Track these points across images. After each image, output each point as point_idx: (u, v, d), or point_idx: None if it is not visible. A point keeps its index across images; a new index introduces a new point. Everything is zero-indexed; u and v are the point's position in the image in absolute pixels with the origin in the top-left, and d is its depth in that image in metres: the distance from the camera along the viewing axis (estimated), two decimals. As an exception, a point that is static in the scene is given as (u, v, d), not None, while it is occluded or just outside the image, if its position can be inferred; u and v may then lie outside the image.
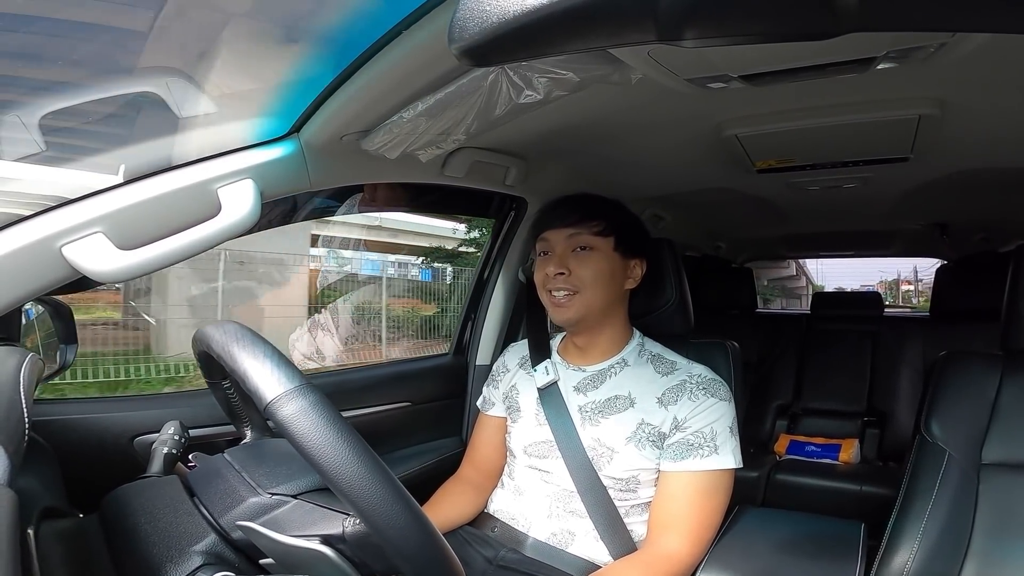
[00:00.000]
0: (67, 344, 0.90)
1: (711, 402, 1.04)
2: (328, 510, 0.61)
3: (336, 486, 0.50)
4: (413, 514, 0.51)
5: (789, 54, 0.80)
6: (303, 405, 0.51)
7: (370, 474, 0.50)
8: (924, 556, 0.95)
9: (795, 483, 2.14)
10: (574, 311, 1.09)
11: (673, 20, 0.32)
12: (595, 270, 1.09)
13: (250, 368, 0.54)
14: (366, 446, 0.51)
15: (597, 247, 1.10)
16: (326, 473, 0.50)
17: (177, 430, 0.79)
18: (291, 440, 0.50)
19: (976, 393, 1.05)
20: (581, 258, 1.10)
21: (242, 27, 0.75)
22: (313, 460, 0.50)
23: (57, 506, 0.64)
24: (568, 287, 1.09)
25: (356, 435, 0.51)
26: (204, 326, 0.64)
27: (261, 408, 0.52)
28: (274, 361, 0.54)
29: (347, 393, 1.30)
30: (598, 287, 1.09)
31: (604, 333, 1.15)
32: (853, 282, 7.16)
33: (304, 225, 4.72)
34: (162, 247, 0.75)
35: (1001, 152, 1.23)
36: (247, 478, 0.66)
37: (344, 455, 0.50)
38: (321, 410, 0.51)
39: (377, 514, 0.50)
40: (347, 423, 0.52)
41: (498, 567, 1.06)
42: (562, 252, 1.11)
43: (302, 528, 0.59)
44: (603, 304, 1.11)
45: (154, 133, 0.88)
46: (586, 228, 1.10)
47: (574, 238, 1.10)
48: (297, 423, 0.50)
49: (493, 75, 0.78)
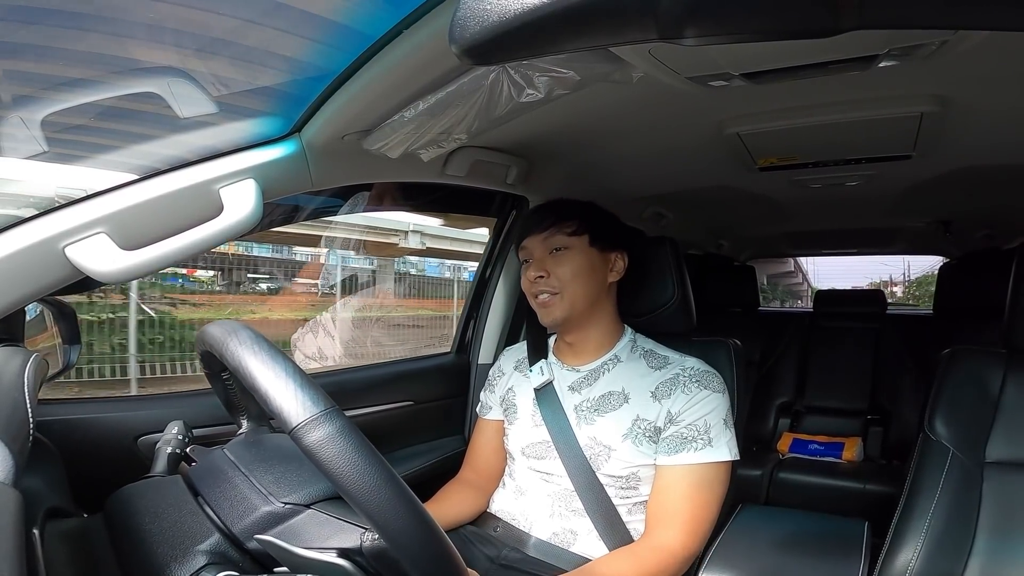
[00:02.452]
0: (70, 345, 0.90)
1: (704, 394, 1.04)
2: (343, 521, 0.61)
3: (363, 510, 0.51)
4: (437, 539, 0.52)
5: (791, 52, 0.79)
6: (330, 432, 0.51)
7: (397, 499, 0.51)
8: (928, 554, 0.95)
9: (798, 481, 2.14)
10: (559, 310, 1.11)
11: (674, 18, 0.32)
12: (572, 267, 1.11)
13: (272, 390, 0.53)
14: (392, 472, 0.52)
15: (572, 246, 1.13)
16: (355, 500, 0.50)
17: (181, 430, 0.80)
18: (319, 466, 0.51)
19: (979, 391, 1.05)
20: (558, 258, 1.12)
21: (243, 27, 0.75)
22: (342, 487, 0.50)
23: (62, 506, 0.64)
24: (549, 288, 1.12)
25: (382, 460, 0.52)
26: (210, 328, 0.64)
27: (287, 431, 0.52)
28: (296, 382, 0.54)
29: (350, 393, 1.30)
30: (578, 283, 1.11)
31: (594, 329, 1.16)
32: (845, 283, 7.16)
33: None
34: (165, 247, 0.75)
35: (1004, 149, 1.23)
36: (256, 483, 0.65)
37: (371, 481, 0.50)
38: (348, 436, 0.52)
39: (403, 537, 0.51)
40: (371, 447, 0.53)
41: (501, 566, 1.06)
42: (540, 256, 1.14)
43: (318, 540, 0.60)
44: (587, 299, 1.12)
45: (156, 133, 0.88)
46: (559, 230, 1.13)
47: (549, 240, 1.13)
48: (326, 450, 0.51)
49: (494, 74, 0.78)
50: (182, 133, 0.85)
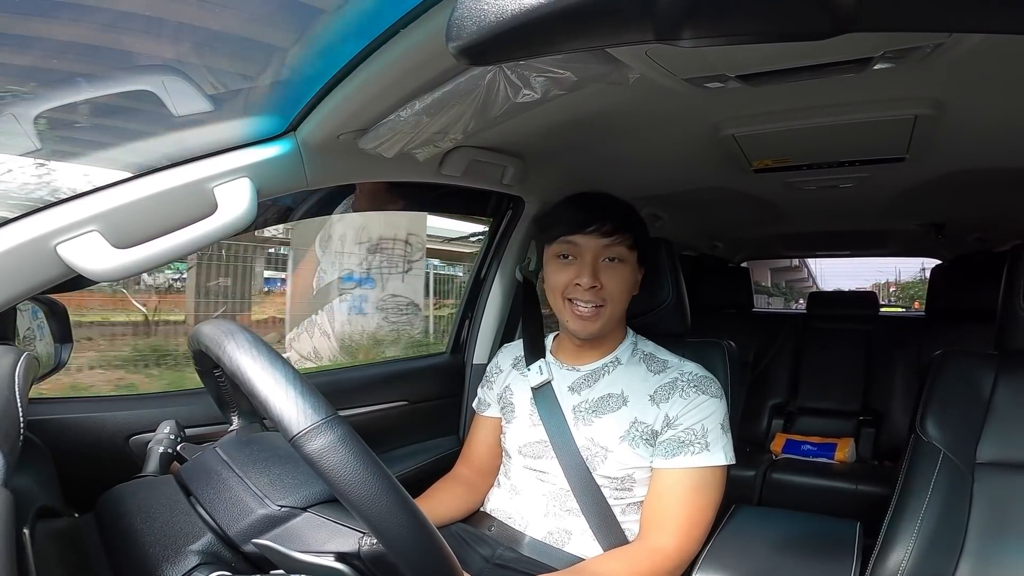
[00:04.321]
0: (62, 343, 0.89)
1: (702, 399, 1.04)
2: (340, 525, 0.61)
3: (364, 518, 0.51)
4: (437, 547, 0.52)
5: (786, 54, 0.80)
6: (331, 440, 0.51)
7: (398, 507, 0.51)
8: (919, 555, 0.96)
9: (791, 482, 2.15)
10: (600, 325, 1.08)
11: (671, 20, 0.32)
12: (624, 283, 1.08)
13: (272, 397, 0.53)
14: (393, 479, 0.52)
15: (627, 260, 1.09)
16: (355, 507, 0.50)
17: (173, 429, 0.79)
18: (320, 474, 0.51)
19: (971, 392, 1.06)
20: (613, 269, 1.07)
21: (239, 25, 0.74)
22: (343, 495, 0.50)
23: (53, 506, 0.64)
24: (599, 300, 1.06)
25: (383, 468, 0.52)
26: (206, 328, 0.63)
27: (287, 439, 0.52)
28: (297, 390, 0.53)
29: (344, 392, 1.29)
30: (623, 301, 1.09)
31: (606, 336, 1.15)
32: (851, 283, 7.18)
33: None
34: (158, 246, 0.74)
35: (997, 152, 1.24)
36: (251, 486, 0.65)
37: (372, 490, 0.50)
38: (350, 444, 0.51)
39: (403, 545, 0.51)
40: (372, 455, 0.52)
41: (495, 565, 1.06)
42: (592, 261, 1.06)
43: (315, 543, 0.59)
44: (621, 315, 1.12)
45: (150, 131, 0.88)
46: (622, 240, 1.07)
47: (609, 249, 1.07)
48: (327, 459, 0.50)
49: (491, 74, 0.78)
50: (176, 131, 0.85)
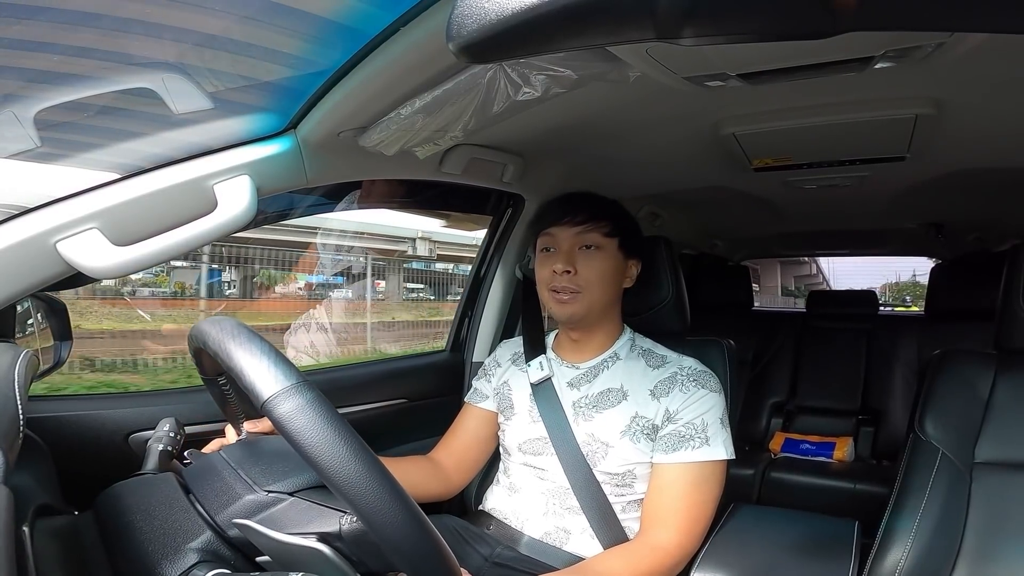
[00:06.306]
0: (62, 341, 0.89)
1: (702, 393, 1.05)
2: (325, 507, 0.61)
3: (332, 483, 0.49)
4: (410, 512, 0.51)
5: (787, 53, 0.80)
6: (300, 403, 0.50)
7: (367, 472, 0.49)
8: (917, 554, 0.96)
9: (790, 481, 2.16)
10: (577, 307, 1.10)
11: (672, 18, 0.32)
12: (600, 270, 1.10)
13: (246, 365, 0.53)
14: (363, 443, 0.51)
15: (604, 247, 1.11)
16: (323, 471, 0.49)
17: (172, 427, 0.79)
18: (287, 437, 0.50)
19: (970, 392, 1.06)
20: (587, 257, 1.10)
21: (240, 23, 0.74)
22: (309, 458, 0.49)
23: (52, 503, 0.64)
24: (573, 286, 1.09)
25: (353, 432, 0.51)
26: (199, 323, 0.64)
27: (258, 405, 0.52)
28: (271, 358, 0.53)
29: (343, 390, 1.29)
30: (602, 287, 1.10)
31: (600, 330, 1.16)
32: (860, 283, 7.21)
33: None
34: (158, 243, 0.74)
35: (997, 152, 1.24)
36: (243, 475, 0.66)
37: (341, 453, 0.49)
38: (318, 407, 0.51)
39: (374, 512, 0.49)
40: (344, 420, 0.51)
41: (494, 564, 1.06)
42: (568, 250, 1.11)
43: (299, 526, 0.59)
44: (604, 303, 1.12)
45: (150, 129, 0.88)
46: (595, 227, 1.10)
47: (582, 236, 1.11)
48: (294, 421, 0.50)
49: (491, 72, 0.78)
50: (176, 129, 0.85)
